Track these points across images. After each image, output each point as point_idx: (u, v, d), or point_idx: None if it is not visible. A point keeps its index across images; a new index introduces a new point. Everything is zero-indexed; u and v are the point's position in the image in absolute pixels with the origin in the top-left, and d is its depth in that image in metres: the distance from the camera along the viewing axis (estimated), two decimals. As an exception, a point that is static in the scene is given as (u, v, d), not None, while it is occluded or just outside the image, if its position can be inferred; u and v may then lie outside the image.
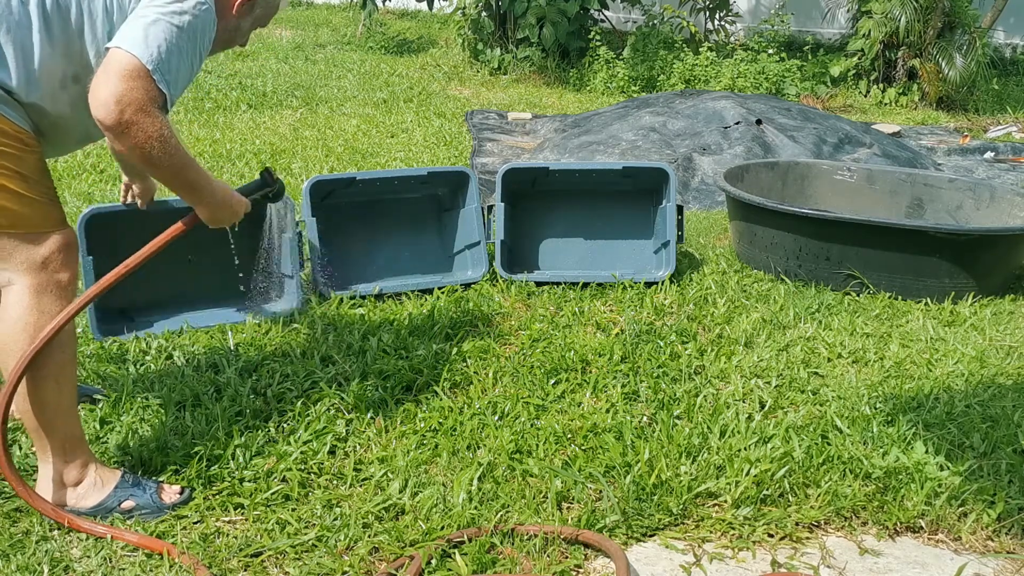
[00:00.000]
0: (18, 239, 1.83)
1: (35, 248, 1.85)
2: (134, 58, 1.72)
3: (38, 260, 1.85)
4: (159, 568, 1.82)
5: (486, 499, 2.05)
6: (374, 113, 7.03)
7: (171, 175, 1.87)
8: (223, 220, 2.05)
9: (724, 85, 8.28)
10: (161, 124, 1.76)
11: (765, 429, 2.35)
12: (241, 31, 2.13)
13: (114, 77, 1.70)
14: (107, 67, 1.72)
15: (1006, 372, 2.79)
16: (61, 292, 1.88)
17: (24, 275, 1.85)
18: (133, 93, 1.71)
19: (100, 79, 1.71)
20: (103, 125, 1.73)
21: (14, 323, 1.85)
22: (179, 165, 1.86)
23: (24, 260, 1.84)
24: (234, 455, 2.19)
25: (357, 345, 2.84)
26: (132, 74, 1.71)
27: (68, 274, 1.90)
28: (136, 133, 1.73)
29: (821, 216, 3.53)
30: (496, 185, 3.50)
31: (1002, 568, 1.92)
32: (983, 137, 7.24)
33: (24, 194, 1.82)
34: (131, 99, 1.71)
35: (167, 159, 1.80)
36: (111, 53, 1.74)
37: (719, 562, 1.91)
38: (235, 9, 2.04)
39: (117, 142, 1.75)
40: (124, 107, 1.70)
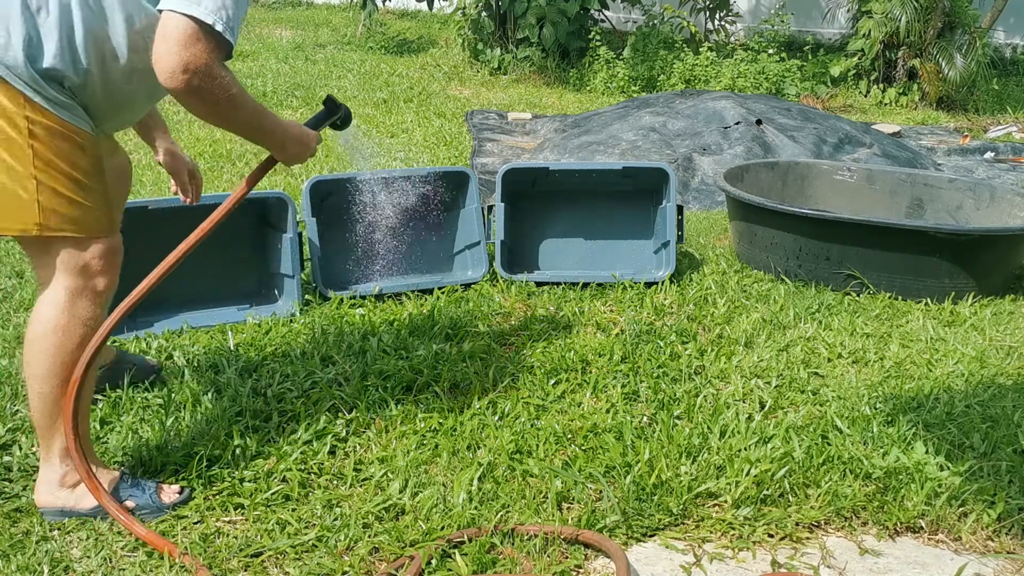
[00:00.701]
0: (63, 242, 1.84)
1: (78, 253, 1.85)
2: (188, 20, 1.67)
3: (79, 264, 1.86)
4: (159, 568, 1.82)
5: (486, 499, 2.05)
6: (374, 113, 7.03)
7: (243, 126, 1.88)
8: (299, 157, 2.03)
9: (724, 85, 8.28)
10: (228, 83, 1.75)
11: (765, 429, 2.35)
12: None
13: (175, 45, 1.66)
14: (165, 35, 1.67)
15: (1006, 372, 2.79)
16: (95, 298, 1.89)
17: (63, 277, 1.86)
18: (197, 59, 1.68)
19: (161, 49, 1.67)
20: (173, 94, 1.71)
21: (45, 322, 1.86)
22: (248, 115, 1.85)
23: (65, 262, 1.85)
24: (234, 455, 2.19)
25: (357, 345, 2.84)
26: (191, 38, 1.67)
27: (106, 281, 1.90)
28: (206, 96, 1.72)
29: (821, 216, 3.53)
30: (496, 185, 3.50)
31: (1002, 568, 1.92)
32: (983, 137, 7.24)
33: (74, 198, 1.81)
34: (196, 65, 1.68)
35: (237, 113, 1.81)
36: (164, 18, 1.68)
37: (719, 562, 1.91)
38: None
39: (187, 105, 1.74)
40: (191, 75, 1.68)
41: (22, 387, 2.48)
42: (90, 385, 1.96)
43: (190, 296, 3.09)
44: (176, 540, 1.90)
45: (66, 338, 1.86)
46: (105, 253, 1.89)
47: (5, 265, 3.49)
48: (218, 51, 1.72)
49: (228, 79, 1.75)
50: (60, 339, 1.86)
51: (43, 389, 1.89)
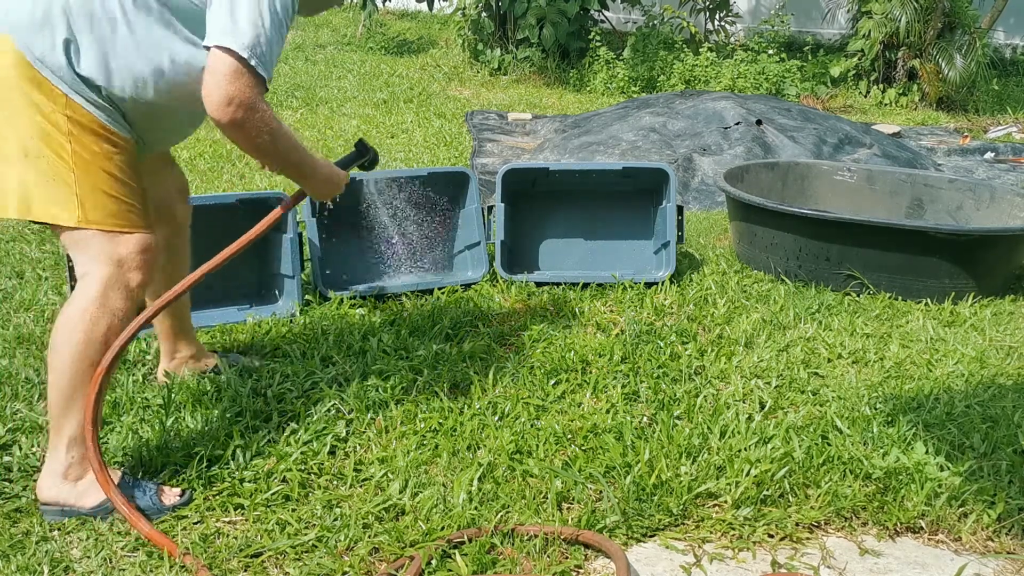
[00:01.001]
0: (101, 236, 1.91)
1: (114, 246, 1.92)
2: (233, 58, 1.81)
3: (114, 258, 1.93)
4: (159, 568, 1.82)
5: (486, 499, 2.05)
6: (374, 114, 7.04)
7: (280, 161, 2.02)
8: (328, 194, 2.20)
9: (724, 85, 8.28)
10: (269, 117, 1.89)
11: (765, 429, 2.35)
12: None
13: (222, 80, 1.81)
14: (213, 69, 1.82)
15: (1006, 372, 2.79)
16: (128, 293, 1.95)
17: (99, 268, 1.92)
18: (241, 92, 1.82)
19: (209, 83, 1.82)
20: (218, 124, 1.85)
21: (76, 310, 1.92)
22: (285, 151, 1.99)
23: (101, 254, 1.92)
24: (234, 455, 2.19)
25: (357, 345, 2.84)
26: (235, 74, 1.81)
27: (140, 277, 1.97)
28: (248, 128, 1.86)
29: (821, 216, 3.53)
30: (496, 185, 3.49)
31: (1002, 568, 1.92)
32: (983, 137, 7.25)
33: (111, 193, 1.91)
34: (240, 100, 1.82)
35: (275, 147, 1.94)
36: (213, 54, 1.82)
37: (719, 562, 1.91)
38: None
39: (231, 137, 1.88)
40: (235, 108, 1.82)
41: (22, 387, 2.48)
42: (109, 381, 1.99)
43: (190, 296, 3.08)
44: (176, 540, 1.90)
45: (94, 327, 1.91)
46: (142, 250, 1.96)
47: (5, 265, 3.49)
48: (260, 86, 1.87)
49: (269, 114, 1.90)
50: (88, 327, 1.90)
51: (63, 374, 1.92)
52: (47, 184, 1.85)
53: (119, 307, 1.94)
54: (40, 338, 2.83)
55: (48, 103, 1.83)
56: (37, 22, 1.82)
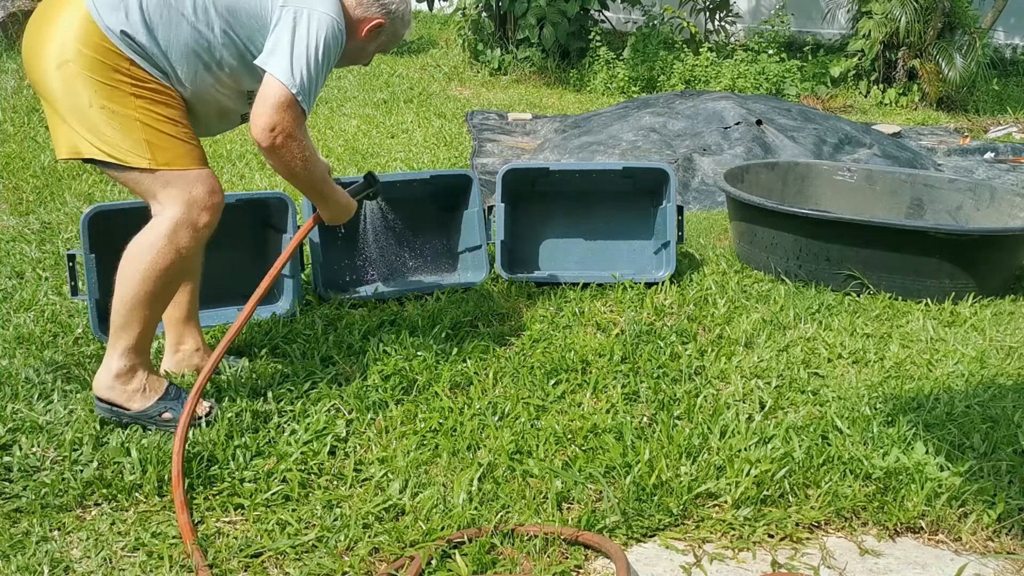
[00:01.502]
0: (174, 177, 2.17)
1: (188, 186, 2.18)
2: (285, 89, 2.12)
3: (189, 198, 2.18)
4: (159, 568, 1.82)
5: (486, 499, 2.05)
6: (374, 114, 7.04)
7: (307, 186, 2.34)
8: (339, 219, 2.53)
9: (724, 86, 8.28)
10: (305, 147, 2.20)
11: (765, 429, 2.35)
12: (366, 52, 2.50)
13: (271, 109, 2.12)
14: (264, 97, 2.13)
15: (1006, 372, 2.79)
16: (195, 232, 2.20)
17: (172, 207, 2.17)
18: (284, 123, 2.13)
19: (259, 109, 2.13)
20: (259, 146, 2.15)
21: (147, 243, 2.17)
22: (314, 178, 2.30)
23: (177, 195, 2.17)
24: (234, 455, 2.19)
25: (357, 345, 2.84)
26: (284, 105, 2.12)
27: (208, 217, 2.22)
28: (285, 154, 2.17)
29: (821, 216, 3.53)
30: (497, 185, 3.49)
31: (1002, 569, 1.92)
32: (983, 137, 7.24)
33: (177, 136, 2.18)
34: (283, 127, 2.13)
35: (306, 175, 2.25)
36: (267, 81, 2.14)
37: (719, 563, 1.91)
38: (364, 32, 2.41)
39: (269, 159, 2.19)
40: (277, 134, 2.13)
41: (22, 387, 2.48)
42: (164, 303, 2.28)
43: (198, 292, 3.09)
44: (176, 541, 1.90)
45: (159, 258, 2.16)
46: (210, 191, 2.21)
47: (5, 265, 3.49)
48: (302, 118, 2.18)
49: (306, 143, 2.21)
50: (154, 258, 2.15)
51: (126, 294, 2.18)
52: (117, 132, 2.11)
53: (185, 244, 2.18)
54: (40, 338, 2.83)
55: (114, 65, 2.09)
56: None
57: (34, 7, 9.21)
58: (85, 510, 2.03)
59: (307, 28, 2.17)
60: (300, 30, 2.17)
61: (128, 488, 2.07)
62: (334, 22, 2.23)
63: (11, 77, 7.12)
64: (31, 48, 2.18)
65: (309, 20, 2.18)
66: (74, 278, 2.84)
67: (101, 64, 2.10)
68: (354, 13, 2.38)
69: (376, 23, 2.41)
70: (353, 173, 5.23)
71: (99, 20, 2.09)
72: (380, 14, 2.41)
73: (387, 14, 2.42)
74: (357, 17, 2.38)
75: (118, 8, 2.10)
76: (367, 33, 2.41)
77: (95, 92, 2.10)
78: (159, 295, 2.22)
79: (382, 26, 2.43)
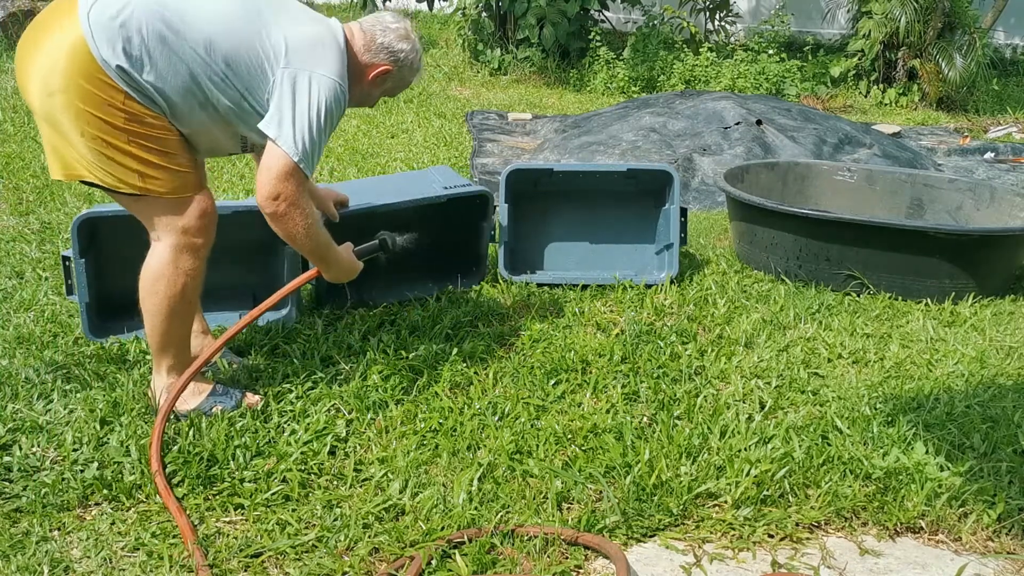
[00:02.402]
0: (166, 204, 2.23)
1: (178, 215, 2.24)
2: (288, 159, 2.16)
3: (180, 226, 2.25)
4: (159, 568, 1.82)
5: (486, 500, 2.05)
6: (374, 113, 7.04)
7: (309, 252, 2.35)
8: (342, 280, 2.53)
9: (724, 86, 8.28)
10: (308, 213, 2.24)
11: (765, 429, 2.35)
12: (371, 97, 2.51)
13: (274, 178, 2.16)
14: (268, 165, 2.17)
15: (1006, 372, 2.79)
16: (196, 252, 2.29)
17: (167, 236, 2.26)
18: (288, 191, 2.17)
19: (263, 176, 2.17)
20: (264, 212, 2.20)
21: (154, 272, 2.27)
22: (315, 246, 2.32)
23: (169, 224, 2.25)
24: (234, 455, 2.19)
25: (357, 345, 2.84)
26: (287, 174, 2.16)
27: (203, 240, 2.29)
28: (287, 222, 2.21)
29: (821, 216, 3.53)
30: (500, 186, 3.48)
31: (1002, 569, 1.92)
32: (983, 137, 7.24)
33: (168, 166, 2.20)
34: (287, 195, 2.18)
35: (308, 242, 2.29)
36: (269, 150, 2.17)
37: (719, 563, 1.91)
38: (370, 77, 2.42)
39: (273, 226, 2.24)
40: (281, 203, 2.18)
41: (22, 387, 2.49)
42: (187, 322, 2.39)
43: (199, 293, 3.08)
44: (176, 541, 1.90)
45: (171, 286, 2.27)
46: (200, 215, 2.27)
47: (5, 265, 3.49)
48: (304, 185, 2.22)
49: (309, 210, 2.24)
50: (166, 287, 2.27)
51: (155, 325, 2.31)
52: (110, 162, 2.14)
53: (190, 266, 2.28)
54: (40, 338, 2.83)
55: (108, 99, 2.09)
56: (115, 29, 2.07)
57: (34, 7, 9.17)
58: (85, 510, 2.03)
59: (308, 93, 2.17)
60: (301, 96, 2.17)
61: (128, 488, 2.07)
62: (336, 85, 2.23)
63: (11, 77, 7.12)
64: (24, 68, 2.15)
65: (310, 84, 2.18)
66: (69, 277, 2.85)
67: (95, 96, 2.08)
68: (362, 58, 2.38)
69: (383, 70, 2.41)
70: (353, 173, 5.22)
71: (96, 52, 2.06)
72: (388, 61, 2.41)
73: (395, 62, 2.42)
74: (365, 62, 2.38)
75: (115, 41, 2.07)
76: (374, 78, 2.41)
77: (87, 123, 2.09)
78: (182, 315, 2.34)
79: (389, 73, 2.43)
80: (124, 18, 2.07)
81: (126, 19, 2.07)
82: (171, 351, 2.36)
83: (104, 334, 2.86)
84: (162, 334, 2.33)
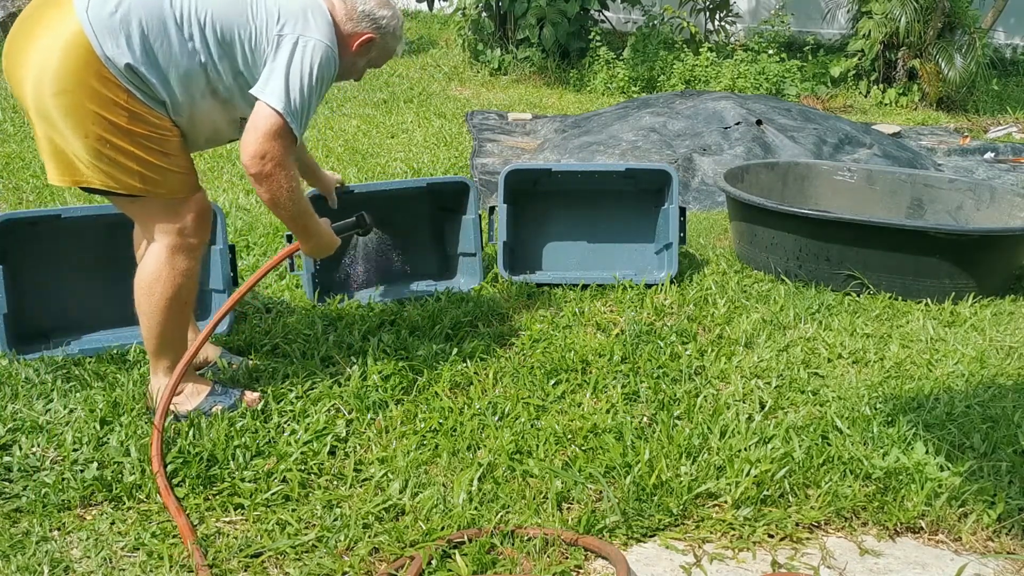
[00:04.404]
0: (164, 206, 2.23)
1: (174, 216, 2.24)
2: (276, 116, 2.12)
3: (177, 227, 2.25)
4: (159, 568, 1.82)
5: (486, 500, 2.05)
6: (374, 113, 7.04)
7: (290, 218, 2.30)
8: (320, 254, 2.53)
9: (724, 86, 8.28)
10: (292, 177, 2.19)
11: (765, 429, 2.35)
12: (356, 67, 2.48)
13: (262, 136, 2.11)
14: (256, 124, 2.12)
15: (1006, 372, 2.79)
16: (190, 253, 2.29)
17: (163, 236, 2.26)
18: (275, 150, 2.13)
19: (250, 136, 2.12)
20: (248, 172, 2.15)
21: (149, 273, 2.27)
22: (297, 212, 2.28)
23: (166, 225, 2.25)
24: (234, 455, 2.19)
25: (357, 345, 2.84)
26: (276, 133, 2.12)
27: (198, 240, 2.30)
28: (271, 183, 2.16)
29: (821, 216, 3.53)
30: (499, 186, 3.49)
31: (1002, 569, 1.92)
32: (983, 137, 7.24)
33: (168, 167, 2.20)
34: (273, 155, 2.13)
35: (292, 206, 2.24)
36: (258, 108, 2.13)
37: (719, 563, 1.91)
38: (354, 47, 2.39)
39: (257, 187, 2.18)
40: (267, 162, 2.13)
41: (22, 387, 2.49)
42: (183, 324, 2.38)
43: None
44: (176, 541, 1.90)
45: (167, 286, 2.27)
46: (197, 215, 2.27)
47: (5, 265, 3.49)
48: (292, 146, 2.18)
49: (294, 173, 2.20)
50: (162, 287, 2.27)
51: (151, 326, 2.31)
52: (111, 163, 2.13)
53: (186, 267, 2.28)
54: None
55: (111, 96, 2.08)
56: (116, 24, 2.05)
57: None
58: (85, 510, 2.03)
59: (302, 55, 2.17)
60: (296, 58, 2.16)
61: (128, 488, 2.07)
62: (328, 49, 2.23)
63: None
64: (17, 62, 2.11)
65: (303, 47, 2.18)
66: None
67: (102, 95, 2.07)
68: (344, 28, 2.37)
69: (367, 38, 2.40)
70: (353, 172, 5.23)
71: (99, 50, 2.04)
72: (371, 29, 2.40)
73: (378, 29, 2.41)
74: (348, 32, 2.37)
75: (118, 36, 2.05)
76: (358, 48, 2.40)
77: (93, 123, 2.08)
78: (178, 316, 2.33)
79: (373, 41, 2.42)
80: (123, 12, 2.06)
81: (124, 12, 2.06)
82: (168, 352, 2.36)
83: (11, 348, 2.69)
84: (158, 335, 2.32)
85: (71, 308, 2.90)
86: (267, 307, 3.20)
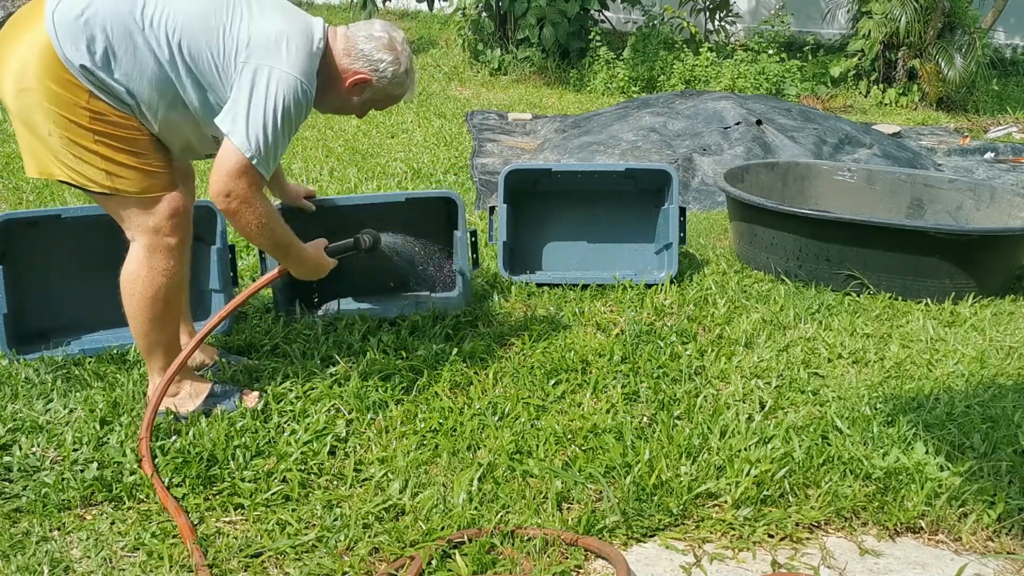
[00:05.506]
0: (137, 205, 2.20)
1: (149, 215, 2.20)
2: (240, 156, 2.08)
3: (151, 226, 2.21)
4: (159, 568, 1.82)
5: (486, 500, 2.05)
6: (374, 113, 7.04)
7: (267, 248, 2.32)
8: (308, 277, 2.46)
9: (724, 86, 8.28)
10: (261, 212, 2.17)
11: (765, 429, 2.35)
12: (351, 104, 2.40)
13: (225, 175, 2.09)
14: (221, 161, 2.10)
15: (1006, 372, 2.79)
16: (170, 252, 2.24)
17: (140, 236, 2.23)
18: (239, 189, 2.10)
19: (216, 173, 2.10)
20: (220, 209, 2.15)
21: (133, 275, 2.25)
22: (274, 243, 2.27)
23: (140, 224, 2.22)
24: (234, 455, 2.19)
25: (357, 345, 2.84)
26: (239, 172, 2.09)
27: (176, 239, 2.25)
28: (240, 219, 2.15)
29: (821, 216, 3.53)
30: (499, 186, 3.49)
31: (1002, 569, 1.92)
32: (983, 137, 7.24)
33: (135, 167, 2.16)
34: (238, 193, 2.11)
35: (263, 240, 2.24)
36: (224, 146, 2.11)
37: (719, 563, 1.91)
38: (347, 84, 2.32)
39: (230, 223, 2.18)
40: (232, 199, 2.11)
41: (22, 387, 2.49)
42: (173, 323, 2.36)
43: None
44: (176, 541, 1.90)
45: (148, 287, 2.24)
46: (171, 214, 2.22)
47: (5, 265, 3.49)
48: (259, 183, 2.15)
49: (263, 209, 2.17)
50: (143, 288, 2.24)
51: (137, 327, 2.30)
52: (77, 160, 2.12)
53: (165, 266, 2.24)
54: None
55: (73, 98, 2.06)
56: (79, 28, 2.04)
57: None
58: (85, 510, 2.03)
59: (266, 89, 2.08)
60: (258, 91, 2.08)
61: (128, 488, 2.07)
62: (298, 82, 2.12)
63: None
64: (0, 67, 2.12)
65: (269, 80, 2.09)
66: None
67: (60, 96, 2.05)
68: (340, 62, 2.29)
69: (361, 78, 2.30)
70: (353, 173, 5.22)
71: (59, 51, 2.03)
72: (366, 70, 2.31)
73: (374, 71, 2.31)
74: (343, 67, 2.29)
75: (79, 39, 2.03)
76: (351, 86, 2.31)
77: (54, 123, 2.07)
78: (163, 317, 2.30)
79: (368, 83, 2.32)
80: (88, 16, 2.04)
81: (90, 17, 2.04)
82: (159, 353, 2.34)
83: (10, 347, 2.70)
84: (145, 336, 2.30)
85: (71, 308, 2.89)
86: (267, 307, 3.20)
